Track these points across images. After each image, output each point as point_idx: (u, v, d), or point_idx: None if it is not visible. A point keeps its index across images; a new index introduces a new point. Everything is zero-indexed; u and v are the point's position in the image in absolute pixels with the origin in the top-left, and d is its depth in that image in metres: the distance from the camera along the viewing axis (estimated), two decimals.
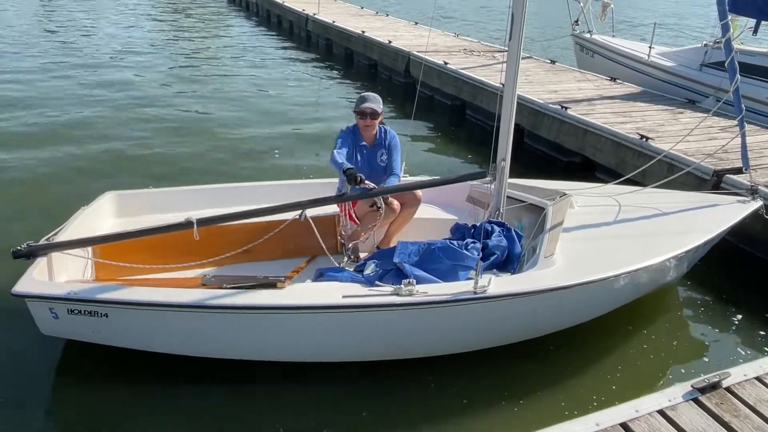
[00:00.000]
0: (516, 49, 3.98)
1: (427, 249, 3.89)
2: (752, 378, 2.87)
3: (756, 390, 2.80)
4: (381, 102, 4.46)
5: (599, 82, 9.85)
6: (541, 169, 7.66)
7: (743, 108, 4.80)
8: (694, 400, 2.71)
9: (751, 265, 5.36)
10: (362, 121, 4.39)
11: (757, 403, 2.70)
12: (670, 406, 2.67)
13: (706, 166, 5.77)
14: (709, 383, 2.75)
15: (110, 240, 3.89)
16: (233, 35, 17.30)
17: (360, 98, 4.47)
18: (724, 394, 2.76)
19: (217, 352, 3.69)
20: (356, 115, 4.42)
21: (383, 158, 4.50)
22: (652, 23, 10.47)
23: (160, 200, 4.74)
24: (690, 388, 2.75)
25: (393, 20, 17.08)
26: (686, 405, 2.68)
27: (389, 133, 4.57)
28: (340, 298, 3.39)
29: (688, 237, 4.12)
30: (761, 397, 2.75)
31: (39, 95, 9.79)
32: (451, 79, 10.14)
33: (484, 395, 3.60)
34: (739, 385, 2.82)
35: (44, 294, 3.40)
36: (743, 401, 2.72)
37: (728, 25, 4.52)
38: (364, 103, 4.39)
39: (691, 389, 2.75)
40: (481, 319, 3.65)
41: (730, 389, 2.79)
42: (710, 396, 2.74)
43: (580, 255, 3.84)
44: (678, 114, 7.96)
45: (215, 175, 6.65)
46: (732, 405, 2.70)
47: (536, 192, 4.62)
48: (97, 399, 3.47)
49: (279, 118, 9.38)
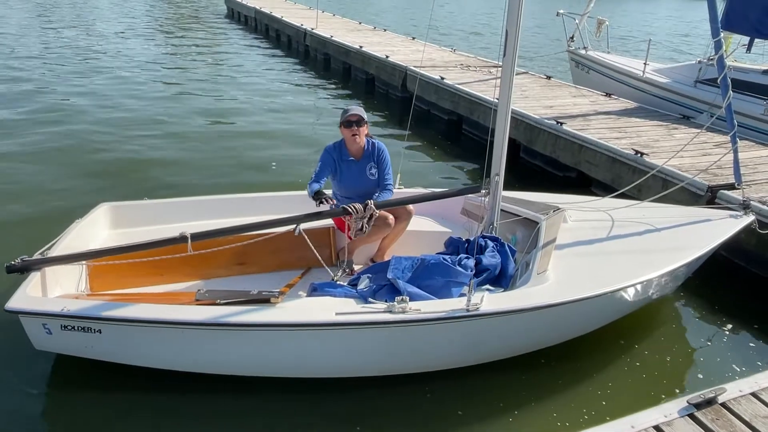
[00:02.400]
0: (510, 64, 4.01)
1: (420, 265, 3.89)
2: (748, 393, 2.86)
3: (752, 406, 2.79)
4: (364, 111, 4.47)
5: (594, 97, 9.93)
6: (537, 183, 7.67)
7: (735, 124, 4.83)
8: (690, 416, 2.71)
9: (744, 279, 5.37)
10: (349, 130, 4.37)
11: (752, 419, 2.70)
12: (666, 421, 2.66)
13: (701, 182, 5.80)
14: (705, 399, 2.75)
15: (104, 255, 3.87)
16: (232, 50, 17.39)
17: (343, 111, 4.48)
18: (719, 410, 2.75)
19: (210, 368, 3.66)
20: (342, 127, 4.41)
21: (372, 171, 4.48)
22: (647, 39, 10.55)
23: (156, 212, 4.72)
24: (686, 404, 2.75)
25: (390, 35, 17.21)
26: (682, 421, 2.68)
27: (378, 145, 4.54)
28: (333, 315, 3.38)
29: (680, 252, 4.13)
30: (757, 412, 2.74)
31: (34, 108, 9.80)
32: (448, 93, 10.20)
33: (479, 408, 3.59)
34: (735, 400, 2.82)
35: (38, 311, 3.38)
36: (739, 417, 2.72)
37: (721, 42, 4.57)
38: (348, 113, 4.40)
39: (686, 405, 2.74)
40: (474, 336, 3.65)
41: (726, 405, 2.78)
42: (706, 412, 2.73)
43: (573, 271, 3.84)
44: (673, 129, 8.02)
45: (212, 187, 6.66)
46: (728, 421, 2.69)
47: (530, 206, 4.63)
48: (88, 414, 3.44)
49: (276, 131, 9.41)
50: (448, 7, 36.21)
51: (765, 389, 2.90)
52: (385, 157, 4.55)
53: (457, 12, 34.21)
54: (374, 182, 4.50)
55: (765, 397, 2.85)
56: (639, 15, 39.98)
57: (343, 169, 4.44)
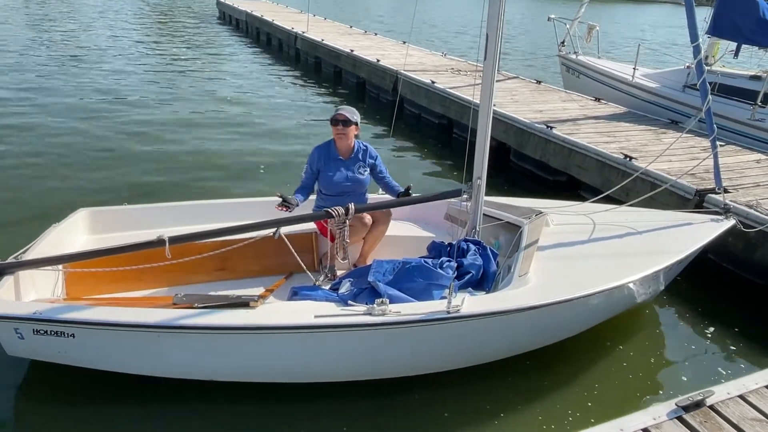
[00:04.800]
0: (491, 68, 4.01)
1: (401, 268, 3.87)
2: (735, 396, 2.87)
3: (739, 408, 2.79)
4: (357, 115, 4.49)
5: (584, 102, 9.97)
6: (527, 187, 7.70)
7: (715, 128, 4.88)
8: (679, 419, 2.70)
9: (731, 282, 5.39)
10: (334, 129, 4.43)
11: (740, 422, 2.70)
12: (655, 424, 2.66)
13: (689, 186, 5.83)
14: (693, 401, 2.75)
15: (80, 258, 3.78)
16: (222, 53, 17.35)
17: (336, 109, 4.52)
18: (707, 412, 2.75)
19: (187, 374, 3.60)
20: (331, 124, 4.47)
21: (362, 171, 4.50)
22: (636, 45, 10.63)
23: (135, 217, 4.64)
24: (674, 407, 2.74)
25: (381, 39, 17.23)
26: (670, 423, 2.67)
27: (369, 150, 4.60)
28: (312, 318, 3.34)
29: (661, 256, 4.13)
30: (745, 415, 2.74)
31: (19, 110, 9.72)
32: (438, 97, 10.22)
33: (465, 411, 3.57)
34: (723, 403, 2.81)
35: (8, 314, 3.30)
36: (727, 419, 2.71)
37: (699, 47, 4.63)
38: (337, 112, 4.45)
39: (675, 407, 2.74)
40: (455, 339, 3.61)
41: (714, 407, 2.78)
42: (694, 414, 2.73)
43: (555, 274, 3.83)
44: (661, 134, 8.07)
45: (197, 192, 6.61)
46: (716, 423, 2.69)
47: (513, 210, 4.63)
48: (64, 422, 3.37)
49: (265, 135, 9.37)
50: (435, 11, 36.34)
51: (752, 392, 2.90)
52: (378, 160, 4.62)
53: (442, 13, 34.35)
54: (362, 182, 4.51)
55: (753, 399, 2.85)
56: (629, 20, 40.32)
57: (330, 167, 4.44)
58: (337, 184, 4.42)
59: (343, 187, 4.42)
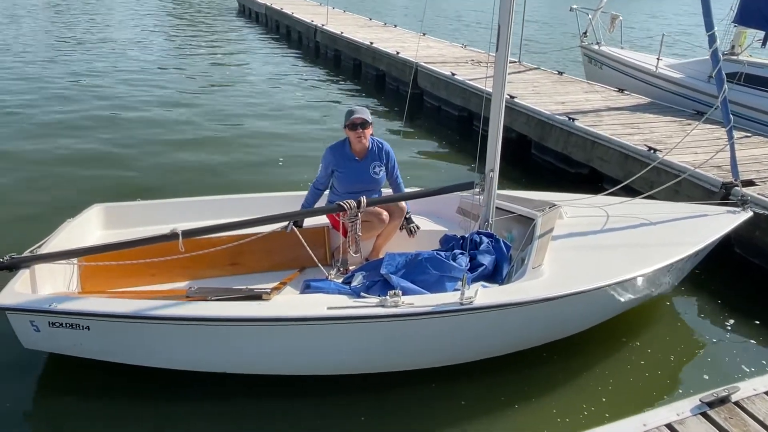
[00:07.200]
0: (503, 58, 3.97)
1: (414, 260, 3.86)
2: (762, 393, 2.79)
3: (766, 405, 2.72)
4: (369, 113, 4.43)
5: (607, 93, 9.82)
6: (549, 180, 7.61)
7: (731, 118, 4.79)
8: (703, 414, 2.65)
9: (756, 276, 5.27)
10: (354, 133, 4.33)
11: (767, 418, 2.64)
12: (679, 420, 2.61)
13: (714, 179, 5.72)
14: (718, 397, 2.69)
15: (95, 252, 3.81)
16: (242, 46, 17.41)
17: (347, 113, 4.41)
18: (732, 408, 2.69)
19: (201, 366, 3.61)
20: (347, 129, 4.37)
21: (377, 170, 4.46)
22: (660, 35, 10.43)
23: (149, 213, 4.65)
24: (698, 402, 2.69)
25: (401, 31, 17.14)
26: (695, 419, 2.62)
27: (385, 146, 4.54)
28: (324, 310, 3.33)
29: (676, 248, 4.06)
30: None
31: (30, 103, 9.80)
32: (459, 90, 10.16)
33: (483, 402, 3.56)
34: (749, 399, 2.75)
35: (24, 306, 3.33)
36: (753, 416, 2.65)
37: (714, 36, 4.56)
38: (352, 115, 4.35)
39: (699, 403, 2.69)
40: (468, 331, 3.58)
41: (739, 403, 2.72)
42: (719, 410, 2.67)
43: (569, 266, 3.79)
44: (686, 126, 7.91)
45: (215, 185, 6.61)
46: (741, 420, 2.63)
47: (526, 203, 4.58)
48: (78, 415, 3.40)
49: (285, 128, 9.39)
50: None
51: None
52: (392, 157, 4.57)
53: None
54: (377, 181, 4.49)
55: None
56: (652, 10, 39.59)
57: (345, 167, 4.41)
58: (353, 184, 4.40)
59: (358, 186, 4.38)
